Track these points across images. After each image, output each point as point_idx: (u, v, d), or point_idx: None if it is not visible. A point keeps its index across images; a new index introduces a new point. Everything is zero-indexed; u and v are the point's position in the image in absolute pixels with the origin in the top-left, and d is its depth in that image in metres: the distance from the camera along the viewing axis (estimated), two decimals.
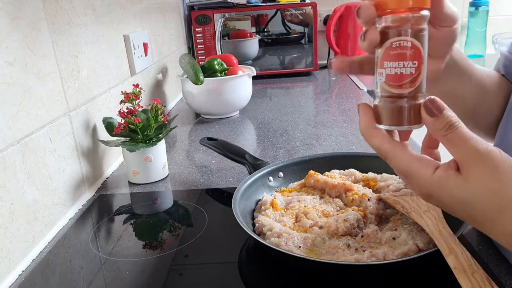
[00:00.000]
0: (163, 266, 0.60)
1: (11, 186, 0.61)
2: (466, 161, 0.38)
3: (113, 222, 0.74)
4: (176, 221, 0.74)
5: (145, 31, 1.25)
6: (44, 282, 0.60)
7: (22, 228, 0.63)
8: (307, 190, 0.71)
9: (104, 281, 0.58)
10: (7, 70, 0.62)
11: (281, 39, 1.92)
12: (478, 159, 0.37)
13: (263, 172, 0.73)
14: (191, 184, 0.86)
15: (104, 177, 0.92)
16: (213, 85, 1.24)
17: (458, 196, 0.39)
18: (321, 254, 0.55)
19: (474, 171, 0.37)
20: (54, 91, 0.75)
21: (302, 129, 1.15)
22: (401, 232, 0.56)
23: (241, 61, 1.55)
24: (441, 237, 0.50)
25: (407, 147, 0.42)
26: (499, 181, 0.37)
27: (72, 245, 0.68)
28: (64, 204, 0.76)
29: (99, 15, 0.95)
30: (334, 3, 2.06)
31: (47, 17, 0.74)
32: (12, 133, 0.62)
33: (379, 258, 0.51)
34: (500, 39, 1.77)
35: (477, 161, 0.37)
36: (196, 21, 1.73)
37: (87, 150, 0.86)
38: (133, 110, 0.84)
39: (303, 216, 0.62)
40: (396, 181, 0.69)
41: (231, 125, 1.25)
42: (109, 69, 0.99)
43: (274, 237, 0.57)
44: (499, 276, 0.52)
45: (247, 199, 0.67)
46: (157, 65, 1.39)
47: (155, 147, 0.86)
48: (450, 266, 0.46)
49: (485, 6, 1.95)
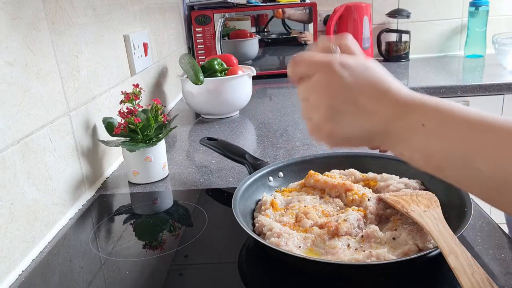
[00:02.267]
0: (163, 266, 0.60)
1: (11, 186, 0.61)
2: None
3: (113, 222, 0.74)
4: (176, 221, 0.74)
5: (145, 31, 1.25)
6: (44, 282, 0.60)
7: (22, 228, 0.63)
8: (307, 190, 0.71)
9: (104, 281, 0.58)
10: (7, 70, 0.62)
11: (281, 39, 1.92)
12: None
13: (263, 172, 0.73)
14: (191, 184, 0.86)
15: (104, 177, 0.92)
16: (213, 85, 1.24)
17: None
18: (321, 254, 0.55)
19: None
20: (54, 91, 0.75)
21: (302, 129, 1.15)
22: (401, 232, 0.56)
23: (241, 61, 1.55)
24: (441, 237, 0.50)
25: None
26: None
27: (72, 245, 0.68)
28: (64, 204, 0.76)
29: (99, 15, 0.95)
30: (334, 3, 2.05)
31: (47, 17, 0.74)
32: (12, 133, 0.62)
33: (379, 258, 0.51)
34: (500, 39, 1.77)
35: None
36: (196, 21, 1.73)
37: (87, 150, 0.86)
38: (133, 110, 0.84)
39: (303, 216, 0.62)
40: (396, 181, 0.69)
41: (231, 125, 1.25)
42: (109, 69, 0.99)
43: (274, 237, 0.57)
44: (499, 276, 0.52)
45: (247, 199, 0.67)
46: (157, 65, 1.39)
47: (155, 147, 0.86)
48: (450, 266, 0.46)
49: (485, 6, 1.95)
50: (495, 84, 1.57)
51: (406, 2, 2.08)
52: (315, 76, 0.46)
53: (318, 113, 0.47)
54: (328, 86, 0.46)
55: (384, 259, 0.51)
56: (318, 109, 0.47)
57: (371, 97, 0.44)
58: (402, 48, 2.05)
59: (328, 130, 0.47)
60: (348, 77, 0.45)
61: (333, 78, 0.45)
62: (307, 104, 0.48)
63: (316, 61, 0.47)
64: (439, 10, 2.10)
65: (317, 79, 0.46)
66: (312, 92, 0.47)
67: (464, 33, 2.09)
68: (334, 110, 0.46)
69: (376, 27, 2.10)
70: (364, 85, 0.45)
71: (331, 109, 0.46)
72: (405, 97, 0.44)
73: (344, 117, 0.45)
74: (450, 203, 0.60)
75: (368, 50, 2.00)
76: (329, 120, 0.46)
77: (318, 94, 0.47)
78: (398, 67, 1.96)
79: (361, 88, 0.45)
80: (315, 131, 0.49)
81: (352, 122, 0.45)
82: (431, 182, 0.67)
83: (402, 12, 2.02)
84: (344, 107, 0.45)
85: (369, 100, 0.44)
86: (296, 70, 0.49)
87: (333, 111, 0.46)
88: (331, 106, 0.46)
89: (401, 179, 0.70)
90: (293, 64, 0.49)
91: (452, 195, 0.61)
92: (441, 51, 2.16)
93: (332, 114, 0.46)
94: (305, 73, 0.48)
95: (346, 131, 0.46)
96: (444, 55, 2.14)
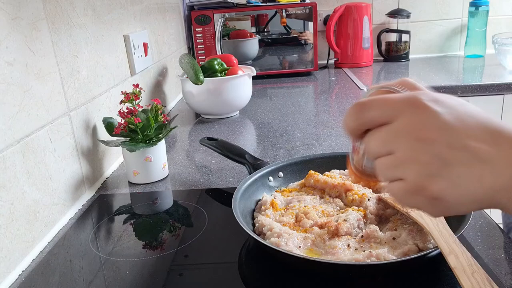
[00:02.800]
0: (163, 266, 0.60)
1: (11, 186, 0.61)
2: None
3: (113, 222, 0.74)
4: (176, 221, 0.74)
5: (145, 31, 1.25)
6: (44, 282, 0.60)
7: (22, 228, 0.63)
8: (307, 190, 0.71)
9: (104, 281, 0.58)
10: (7, 70, 0.62)
11: (281, 39, 1.92)
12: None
13: (263, 172, 0.73)
14: (191, 184, 0.86)
15: (104, 177, 0.92)
16: (213, 85, 1.24)
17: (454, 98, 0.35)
18: (321, 254, 0.55)
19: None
20: (54, 91, 0.75)
21: (302, 129, 1.15)
22: (401, 232, 0.56)
23: (241, 61, 1.55)
24: (441, 237, 0.50)
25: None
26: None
27: (72, 245, 0.68)
28: (64, 204, 0.76)
29: (99, 15, 0.95)
30: (334, 3, 2.06)
31: (47, 17, 0.74)
32: (12, 133, 0.62)
33: (379, 258, 0.51)
34: (500, 39, 1.77)
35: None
36: (196, 21, 1.73)
37: (87, 150, 0.86)
38: (133, 110, 0.84)
39: (303, 216, 0.62)
40: None
41: (231, 125, 1.25)
42: (109, 69, 0.99)
43: (274, 237, 0.57)
44: (499, 276, 0.52)
45: (247, 199, 0.67)
46: (157, 65, 1.39)
47: (155, 147, 0.86)
48: (450, 266, 0.46)
49: (485, 6, 1.95)
50: (495, 84, 1.57)
51: (406, 2, 2.08)
52: (400, 119, 0.34)
53: (414, 170, 0.34)
54: (422, 129, 0.33)
55: (384, 259, 0.51)
56: (412, 163, 0.34)
57: (483, 139, 0.33)
58: (402, 48, 2.05)
59: (435, 191, 0.33)
60: (445, 114, 0.33)
61: (426, 117, 0.33)
62: (390, 160, 0.35)
63: (396, 99, 0.35)
64: (439, 10, 2.10)
65: (402, 122, 0.34)
66: (396, 140, 0.34)
67: (464, 33, 2.09)
68: (439, 161, 0.33)
69: (376, 27, 2.10)
70: (469, 123, 0.33)
71: (434, 161, 0.33)
72: None
73: (455, 170, 0.33)
74: None
75: (368, 50, 2.00)
76: (433, 177, 0.33)
77: (408, 142, 0.34)
78: (398, 67, 1.96)
79: (466, 127, 0.33)
80: (414, 196, 0.35)
81: (467, 176, 0.33)
82: None
83: (402, 12, 2.02)
84: (451, 156, 0.33)
85: (482, 144, 0.33)
86: (364, 115, 0.36)
87: (438, 164, 0.33)
88: (433, 157, 0.33)
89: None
90: (359, 107, 0.36)
91: None
92: (441, 51, 2.16)
93: (437, 167, 0.33)
94: (379, 118, 0.35)
95: (460, 190, 0.33)
96: (444, 55, 2.14)
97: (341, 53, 2.01)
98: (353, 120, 0.37)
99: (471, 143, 0.33)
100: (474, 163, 0.33)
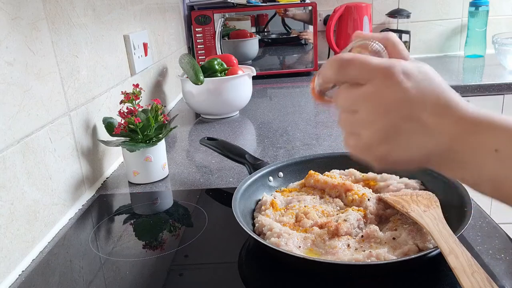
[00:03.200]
0: (163, 266, 0.60)
1: (11, 186, 0.61)
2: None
3: (113, 222, 0.74)
4: (176, 221, 0.74)
5: (145, 31, 1.25)
6: (44, 282, 0.60)
7: (22, 228, 0.63)
8: (307, 190, 0.71)
9: (104, 281, 0.58)
10: (7, 70, 0.62)
11: (281, 39, 1.92)
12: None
13: (263, 172, 0.73)
14: (191, 184, 0.86)
15: (104, 177, 0.92)
16: (213, 85, 1.24)
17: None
18: (321, 254, 0.55)
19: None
20: (54, 91, 0.75)
21: (302, 129, 1.15)
22: (401, 232, 0.56)
23: (241, 61, 1.55)
24: (441, 237, 0.50)
25: None
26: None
27: (72, 245, 0.68)
28: (64, 204, 0.76)
29: (99, 15, 0.95)
30: (334, 3, 2.06)
31: (47, 17, 0.74)
32: (12, 133, 0.62)
33: (379, 258, 0.51)
34: (500, 39, 1.77)
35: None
36: (196, 21, 1.73)
37: (87, 150, 0.86)
38: (133, 110, 0.84)
39: (303, 216, 0.62)
40: (396, 181, 0.69)
41: (231, 125, 1.25)
42: (109, 69, 0.99)
43: (274, 237, 0.57)
44: (499, 276, 0.52)
45: (247, 199, 0.67)
46: (157, 65, 1.39)
47: (155, 147, 0.86)
48: (450, 266, 0.46)
49: (485, 6, 1.95)
50: (495, 84, 1.57)
51: (406, 2, 2.08)
52: (370, 84, 0.39)
53: (370, 131, 0.39)
54: (387, 99, 0.38)
55: (384, 259, 0.51)
56: (370, 126, 0.39)
57: (433, 112, 0.38)
58: None
59: (382, 152, 0.40)
60: (411, 89, 0.37)
61: (394, 90, 0.38)
62: (353, 116, 0.40)
63: (373, 65, 0.38)
64: (439, 10, 2.10)
65: (372, 89, 0.38)
66: (363, 103, 0.39)
67: (464, 33, 2.09)
68: (393, 129, 0.38)
69: (376, 27, 2.10)
70: (427, 98, 0.38)
71: (389, 128, 0.38)
72: (471, 113, 0.37)
73: (403, 137, 0.38)
74: (450, 203, 0.60)
75: None
76: (384, 140, 0.39)
77: (372, 107, 0.39)
78: None
79: (424, 102, 0.38)
80: (363, 151, 0.41)
81: (411, 143, 0.38)
82: (431, 182, 0.67)
83: (402, 12, 2.02)
84: (404, 126, 0.38)
85: (430, 116, 0.38)
86: (343, 72, 0.40)
87: (391, 130, 0.39)
88: (389, 125, 0.38)
89: (401, 179, 0.70)
90: (340, 63, 0.40)
91: (452, 195, 0.61)
92: (441, 51, 2.16)
93: (390, 133, 0.39)
94: (355, 78, 0.40)
95: (403, 154, 0.39)
96: (444, 55, 2.14)
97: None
98: (332, 73, 0.41)
99: (423, 115, 0.38)
100: (419, 132, 0.38)
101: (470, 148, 0.37)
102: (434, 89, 0.38)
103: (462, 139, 0.37)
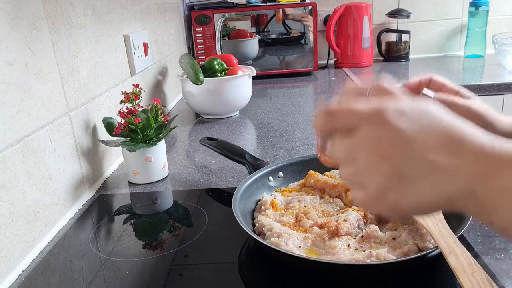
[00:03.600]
0: (163, 266, 0.60)
1: (11, 186, 0.61)
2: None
3: (113, 222, 0.74)
4: (176, 221, 0.74)
5: (145, 31, 1.25)
6: (44, 282, 0.60)
7: (22, 228, 0.63)
8: (307, 190, 0.71)
9: (104, 281, 0.58)
10: (7, 70, 0.62)
11: (281, 39, 1.92)
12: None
13: (263, 172, 0.73)
14: (191, 184, 0.86)
15: (104, 177, 0.92)
16: (213, 85, 1.24)
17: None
18: (321, 254, 0.55)
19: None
20: (54, 91, 0.75)
21: (302, 129, 1.15)
22: (401, 232, 0.56)
23: (241, 61, 1.55)
24: (441, 237, 0.50)
25: None
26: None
27: (72, 245, 0.68)
28: (64, 204, 0.76)
29: (99, 15, 0.95)
30: (334, 3, 2.06)
31: (47, 17, 0.74)
32: (12, 133, 0.62)
33: (379, 258, 0.51)
34: (500, 39, 1.77)
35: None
36: (196, 21, 1.73)
37: (87, 150, 0.86)
38: (133, 110, 0.84)
39: (303, 216, 0.62)
40: None
41: (231, 125, 1.25)
42: (109, 69, 0.99)
43: (274, 237, 0.57)
44: (499, 276, 0.52)
45: (247, 199, 0.67)
46: (157, 65, 1.39)
47: (155, 147, 0.86)
48: (450, 266, 0.46)
49: (485, 6, 1.95)
50: (495, 84, 1.57)
51: (406, 2, 2.08)
52: (362, 129, 0.36)
53: (375, 179, 0.36)
54: (383, 142, 0.35)
55: (384, 259, 0.51)
56: (372, 172, 0.36)
57: (444, 151, 0.34)
58: (402, 48, 2.05)
59: (392, 199, 0.36)
60: (406, 127, 0.34)
61: (388, 131, 0.35)
62: (353, 166, 0.37)
63: (360, 109, 0.36)
64: (439, 10, 2.10)
65: (365, 133, 0.36)
66: (359, 149, 0.36)
67: (464, 33, 2.09)
68: (396, 173, 0.35)
69: (376, 27, 2.10)
70: (430, 136, 0.34)
71: (391, 172, 0.35)
72: (490, 148, 0.33)
73: (411, 182, 0.35)
74: None
75: (368, 50, 2.00)
76: (391, 187, 0.35)
77: (369, 152, 0.36)
78: (398, 67, 1.96)
79: (427, 140, 0.34)
80: (373, 202, 0.37)
81: (423, 187, 0.34)
82: None
83: (402, 12, 2.02)
84: (408, 169, 0.34)
85: (442, 156, 0.33)
86: (330, 122, 0.38)
87: (395, 175, 0.35)
88: (391, 169, 0.35)
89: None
90: (325, 114, 0.38)
91: None
92: (441, 51, 2.16)
93: (394, 179, 0.35)
94: (345, 126, 0.37)
95: (416, 199, 0.35)
96: (444, 55, 2.14)
97: (341, 53, 2.01)
98: (321, 124, 0.39)
99: (430, 155, 0.34)
100: (431, 175, 0.34)
101: (492, 190, 0.32)
102: (438, 125, 0.34)
103: (484, 181, 0.32)
